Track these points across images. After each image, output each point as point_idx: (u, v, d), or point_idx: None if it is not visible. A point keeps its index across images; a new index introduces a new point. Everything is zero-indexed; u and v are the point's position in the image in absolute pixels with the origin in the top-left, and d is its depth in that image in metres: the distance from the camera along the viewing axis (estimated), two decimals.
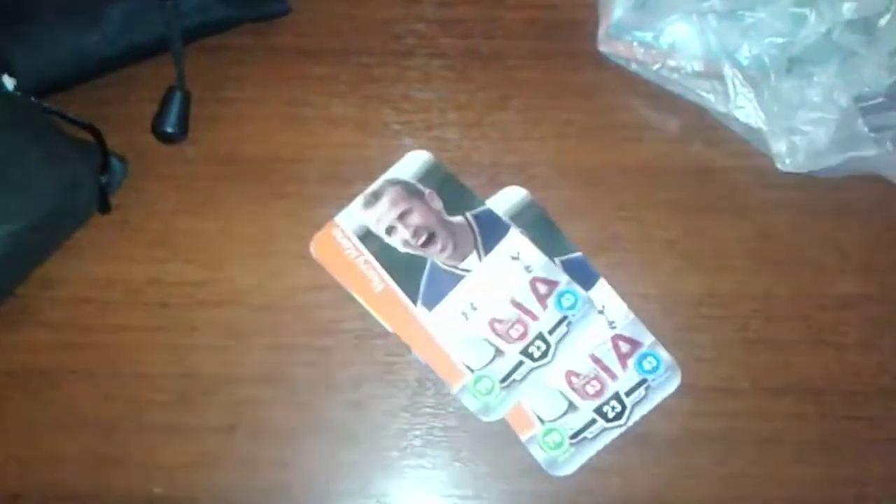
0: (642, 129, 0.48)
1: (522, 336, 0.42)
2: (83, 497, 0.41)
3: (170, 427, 0.42)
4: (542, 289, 0.43)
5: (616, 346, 0.43)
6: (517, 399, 0.42)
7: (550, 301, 0.43)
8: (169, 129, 0.45)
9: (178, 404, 0.42)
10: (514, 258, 0.43)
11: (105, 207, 0.44)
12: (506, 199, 0.45)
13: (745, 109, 0.44)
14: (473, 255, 0.43)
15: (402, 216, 0.44)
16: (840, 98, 0.43)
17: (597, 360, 0.42)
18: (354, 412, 0.42)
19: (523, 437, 0.41)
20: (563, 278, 0.43)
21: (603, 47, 0.47)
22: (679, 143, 0.47)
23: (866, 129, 0.42)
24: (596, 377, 0.42)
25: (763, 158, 0.44)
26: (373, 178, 0.46)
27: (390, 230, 0.44)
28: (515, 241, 0.44)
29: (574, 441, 0.41)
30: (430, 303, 0.43)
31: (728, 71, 0.44)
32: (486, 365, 0.42)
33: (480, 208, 0.44)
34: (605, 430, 0.42)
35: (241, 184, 0.46)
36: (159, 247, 0.45)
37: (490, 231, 0.44)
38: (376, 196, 0.45)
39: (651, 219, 0.45)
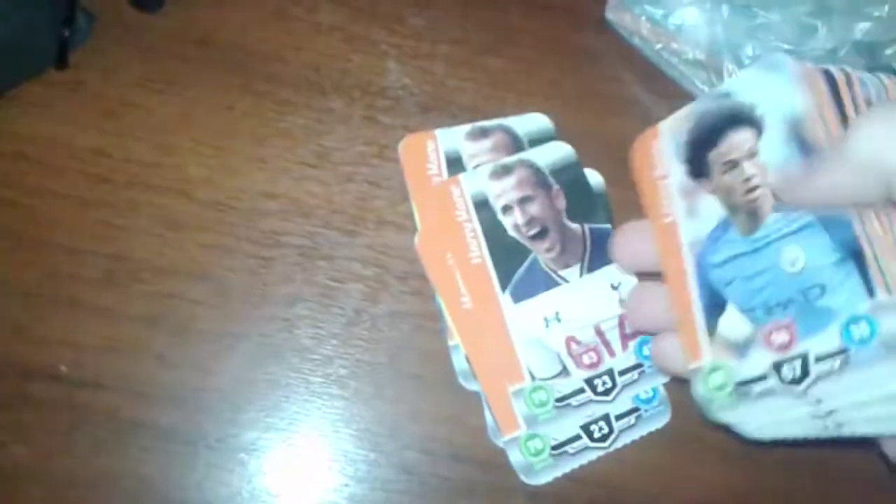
0: (628, 104, 0.47)
1: (593, 365, 0.41)
2: None
3: (88, 306, 0.40)
4: (628, 329, 0.42)
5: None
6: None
7: (632, 344, 0.41)
8: None
9: (101, 285, 0.40)
10: (613, 287, 0.42)
11: (63, 63, 0.41)
12: (548, 153, 0.44)
13: None
14: (576, 268, 0.42)
15: (522, 201, 0.43)
16: None
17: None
18: (283, 330, 0.41)
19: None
20: None
21: (610, 14, 0.46)
22: None
23: None
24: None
25: None
26: (350, 95, 0.44)
27: (506, 209, 0.42)
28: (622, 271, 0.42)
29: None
30: (518, 296, 0.41)
31: (728, 67, 0.43)
32: (550, 378, 0.41)
33: (600, 224, 0.43)
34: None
35: (209, 71, 0.44)
36: (111, 118, 0.42)
37: (601, 250, 0.42)
38: (506, 170, 0.43)
39: (615, 196, 0.44)
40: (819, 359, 0.31)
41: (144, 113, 0.43)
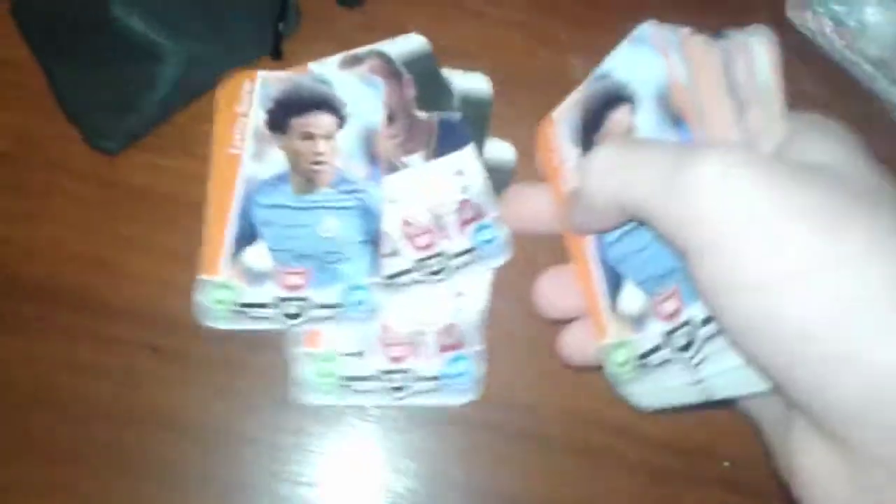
0: (806, 102, 0.47)
1: (426, 247, 0.42)
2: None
3: None
4: (468, 214, 0.42)
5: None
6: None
7: (470, 228, 0.42)
8: None
9: None
10: (457, 173, 0.43)
11: (277, 54, 0.44)
12: (401, 45, 0.44)
13: None
14: (420, 154, 0.43)
15: None
16: None
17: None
18: None
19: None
20: (494, 214, 0.42)
21: (791, 13, 0.47)
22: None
23: None
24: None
25: None
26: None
27: None
28: (467, 158, 0.43)
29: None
30: None
31: None
32: (381, 257, 0.42)
33: (451, 115, 0.43)
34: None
35: None
36: None
37: (449, 139, 0.43)
38: (357, 60, 0.44)
39: None
40: (319, 307, 0.41)
41: None
